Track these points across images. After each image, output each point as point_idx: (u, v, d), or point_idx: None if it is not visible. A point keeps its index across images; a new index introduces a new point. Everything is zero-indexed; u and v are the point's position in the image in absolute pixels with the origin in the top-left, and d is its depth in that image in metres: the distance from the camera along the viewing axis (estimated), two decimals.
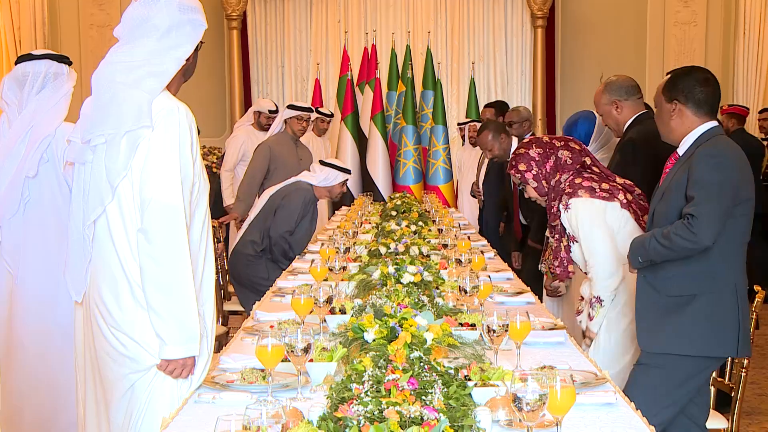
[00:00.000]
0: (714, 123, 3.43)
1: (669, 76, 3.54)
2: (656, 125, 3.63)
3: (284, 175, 6.69)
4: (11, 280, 3.77)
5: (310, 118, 7.72)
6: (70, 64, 3.92)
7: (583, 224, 3.75)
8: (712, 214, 3.23)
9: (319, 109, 9.82)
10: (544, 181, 3.93)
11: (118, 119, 2.71)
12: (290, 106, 7.56)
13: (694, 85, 3.42)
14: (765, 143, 10.06)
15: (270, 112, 9.02)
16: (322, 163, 6.35)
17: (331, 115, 10.03)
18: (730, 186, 3.29)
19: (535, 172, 3.94)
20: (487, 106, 9.22)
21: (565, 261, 3.85)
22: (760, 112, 10.70)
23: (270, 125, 8.88)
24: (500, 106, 8.80)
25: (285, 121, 7.51)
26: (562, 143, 3.96)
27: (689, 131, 3.43)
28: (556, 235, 3.89)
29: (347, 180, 6.34)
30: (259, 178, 7.22)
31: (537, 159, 3.95)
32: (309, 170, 6.35)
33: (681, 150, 3.46)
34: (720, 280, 3.36)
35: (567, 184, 3.84)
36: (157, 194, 2.68)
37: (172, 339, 2.69)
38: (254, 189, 7.16)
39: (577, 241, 3.80)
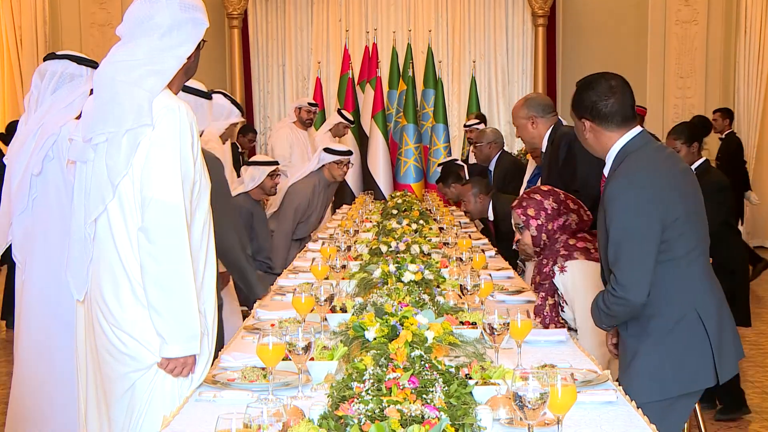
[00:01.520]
0: (633, 133, 3.14)
1: (575, 89, 3.26)
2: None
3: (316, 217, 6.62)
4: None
5: (349, 161, 7.26)
6: (94, 66, 3.91)
7: (579, 289, 3.58)
8: (634, 269, 2.97)
9: (344, 113, 9.36)
10: (544, 235, 3.77)
11: (119, 118, 2.72)
12: (327, 150, 7.14)
13: (596, 100, 3.15)
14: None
15: (310, 104, 8.95)
16: (246, 164, 6.05)
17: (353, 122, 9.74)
18: (646, 225, 2.98)
19: (540, 223, 3.78)
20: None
21: (547, 319, 3.69)
22: (714, 112, 10.71)
23: (311, 120, 8.95)
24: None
25: (323, 165, 7.07)
26: (576, 207, 3.81)
27: (608, 147, 3.16)
28: (542, 293, 3.78)
29: (275, 170, 5.98)
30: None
31: (549, 212, 3.79)
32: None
33: (606, 169, 3.18)
34: (674, 306, 3.06)
35: (562, 245, 3.72)
36: (157, 193, 2.68)
37: (173, 337, 2.69)
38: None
39: (568, 303, 3.68)
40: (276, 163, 6.18)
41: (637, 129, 3.16)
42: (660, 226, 2.99)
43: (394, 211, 6.72)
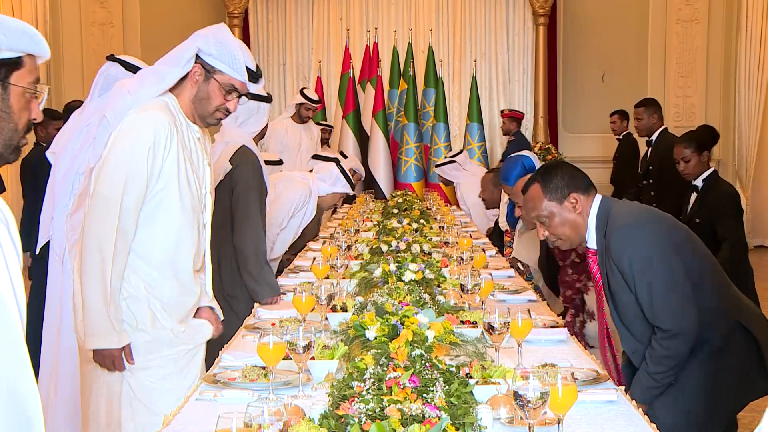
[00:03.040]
0: (599, 196, 3.17)
1: (535, 182, 3.20)
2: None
3: None
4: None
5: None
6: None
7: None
8: (675, 306, 2.97)
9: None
10: (578, 250, 3.75)
11: (113, 122, 2.92)
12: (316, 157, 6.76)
13: (567, 172, 3.16)
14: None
15: (311, 101, 8.72)
16: None
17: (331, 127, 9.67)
18: (665, 257, 2.99)
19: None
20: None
21: (578, 336, 3.68)
22: (611, 115, 10.71)
23: (309, 117, 8.77)
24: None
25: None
26: None
27: (587, 217, 3.14)
28: (572, 310, 3.76)
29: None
30: None
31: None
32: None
33: (591, 243, 3.16)
34: (720, 325, 3.07)
35: None
36: (98, 186, 2.81)
37: (89, 329, 2.78)
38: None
39: (595, 320, 3.65)
40: (280, 162, 6.05)
41: (598, 195, 3.17)
42: (678, 257, 3.01)
43: (395, 211, 6.73)
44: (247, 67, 2.91)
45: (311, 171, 5.87)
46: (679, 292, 2.98)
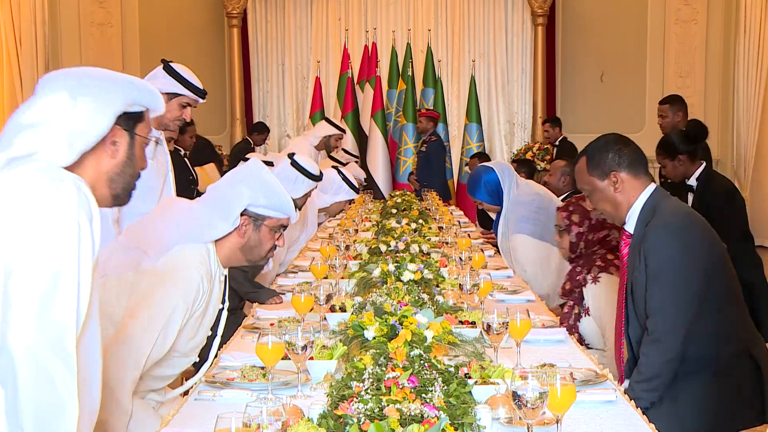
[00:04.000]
0: (654, 186, 3.13)
1: (584, 155, 3.21)
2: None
3: None
4: None
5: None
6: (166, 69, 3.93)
7: (611, 303, 3.49)
8: (670, 316, 2.95)
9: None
10: (582, 244, 3.74)
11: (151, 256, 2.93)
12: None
13: (620, 149, 3.13)
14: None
15: (341, 130, 8.22)
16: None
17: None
18: (687, 269, 2.97)
19: (581, 231, 3.76)
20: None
21: (573, 329, 3.65)
22: (543, 122, 10.67)
23: (339, 147, 8.22)
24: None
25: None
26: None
27: (633, 201, 3.11)
28: (571, 302, 3.73)
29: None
30: None
31: (592, 223, 3.76)
32: None
33: (630, 226, 3.14)
34: (729, 346, 3.03)
35: (599, 257, 3.70)
36: (130, 327, 2.71)
37: None
38: None
39: (590, 315, 3.64)
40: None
41: (654, 184, 3.13)
42: (705, 274, 2.99)
43: (394, 211, 6.73)
44: (307, 171, 2.83)
45: None
46: (682, 307, 2.96)
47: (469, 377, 2.43)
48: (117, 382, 2.53)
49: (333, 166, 5.85)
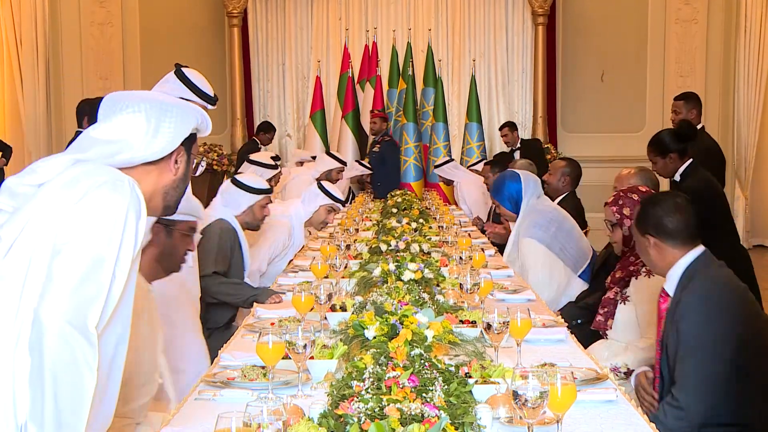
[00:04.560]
0: (697, 252, 3.09)
1: (639, 205, 3.24)
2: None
3: None
4: None
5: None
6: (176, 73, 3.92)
7: (650, 301, 3.48)
8: (697, 387, 2.91)
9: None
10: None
11: None
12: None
13: (662, 215, 3.10)
14: None
15: (342, 163, 8.35)
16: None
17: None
18: (716, 344, 2.92)
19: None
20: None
21: (610, 315, 3.66)
22: (500, 128, 10.61)
23: (340, 179, 8.29)
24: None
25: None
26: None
27: (672, 264, 3.10)
28: (616, 288, 3.72)
29: (267, 200, 4.91)
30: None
31: None
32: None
33: (669, 287, 3.13)
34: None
35: None
36: None
37: None
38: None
39: (628, 302, 3.63)
40: (269, 191, 4.99)
41: (701, 248, 3.10)
42: (738, 342, 2.94)
43: (394, 210, 6.73)
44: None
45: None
46: (710, 380, 2.92)
47: (470, 377, 2.43)
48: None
49: (317, 179, 5.85)
